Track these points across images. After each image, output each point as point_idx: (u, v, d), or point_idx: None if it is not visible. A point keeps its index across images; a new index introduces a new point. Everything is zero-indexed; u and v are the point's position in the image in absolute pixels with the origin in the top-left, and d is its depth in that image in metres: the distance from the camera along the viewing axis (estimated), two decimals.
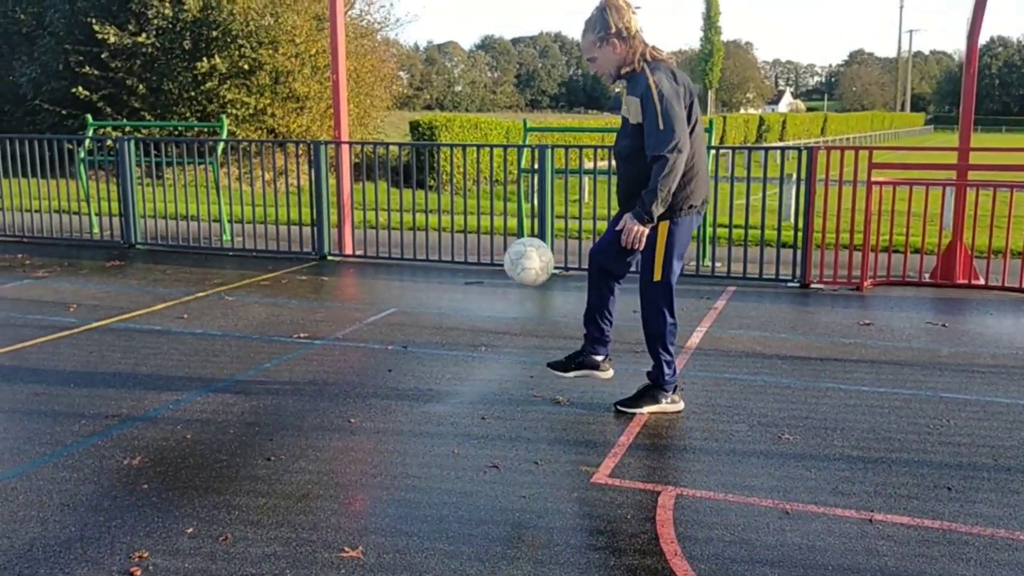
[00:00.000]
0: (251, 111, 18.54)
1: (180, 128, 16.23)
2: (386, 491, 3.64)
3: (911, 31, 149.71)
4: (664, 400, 4.61)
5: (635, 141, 4.32)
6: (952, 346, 5.91)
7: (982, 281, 7.86)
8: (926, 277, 7.99)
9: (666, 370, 4.57)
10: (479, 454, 4.03)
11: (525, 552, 3.15)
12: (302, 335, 6.11)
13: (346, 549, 3.16)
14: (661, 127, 4.12)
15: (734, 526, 3.35)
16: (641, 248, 4.35)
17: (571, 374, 4.78)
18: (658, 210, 4.21)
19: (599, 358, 4.73)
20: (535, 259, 4.71)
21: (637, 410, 4.59)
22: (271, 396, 4.82)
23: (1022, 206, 8.06)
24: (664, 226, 4.35)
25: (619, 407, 4.64)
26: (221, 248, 9.80)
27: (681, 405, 4.66)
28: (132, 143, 9.77)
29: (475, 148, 9.67)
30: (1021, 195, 8.08)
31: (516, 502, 3.55)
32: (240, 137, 17.88)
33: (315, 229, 9.23)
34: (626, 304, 4.95)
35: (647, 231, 4.29)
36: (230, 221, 10.22)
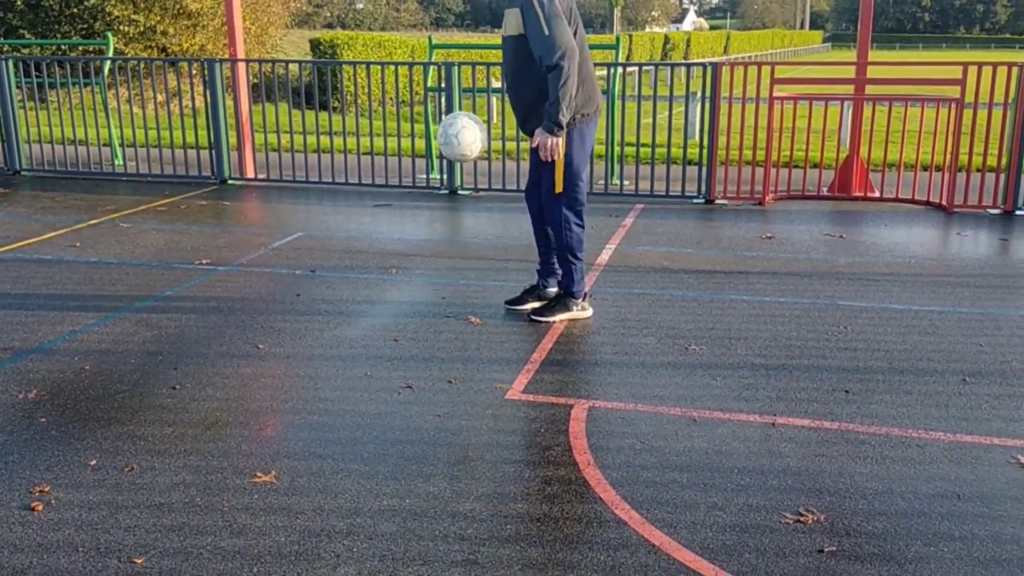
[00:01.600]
0: (140, 29, 17.55)
1: (63, 47, 15.28)
2: (298, 415, 3.60)
3: None
4: (575, 308, 4.77)
5: (518, 56, 4.40)
6: (849, 256, 6.12)
7: (877, 194, 8.12)
8: (824, 191, 8.21)
9: (576, 278, 4.70)
10: (392, 375, 4.01)
11: (441, 469, 3.16)
12: (204, 261, 5.92)
13: (258, 474, 3.12)
14: (546, 33, 4.19)
15: (644, 435, 3.43)
16: (558, 159, 4.40)
17: (528, 307, 4.86)
18: (565, 117, 4.29)
19: (552, 290, 4.89)
20: (472, 130, 4.64)
21: (551, 318, 4.73)
22: (174, 324, 4.67)
23: (916, 120, 8.31)
24: (561, 138, 4.41)
25: (533, 317, 4.76)
26: (113, 173, 9.35)
27: (590, 311, 4.83)
28: (11, 63, 9.16)
29: (379, 67, 9.40)
30: (915, 110, 8.33)
31: (430, 421, 3.55)
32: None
33: (213, 152, 8.88)
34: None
35: (560, 140, 4.36)
36: (121, 145, 9.74)
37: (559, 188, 4.52)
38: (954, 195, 7.59)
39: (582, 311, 4.79)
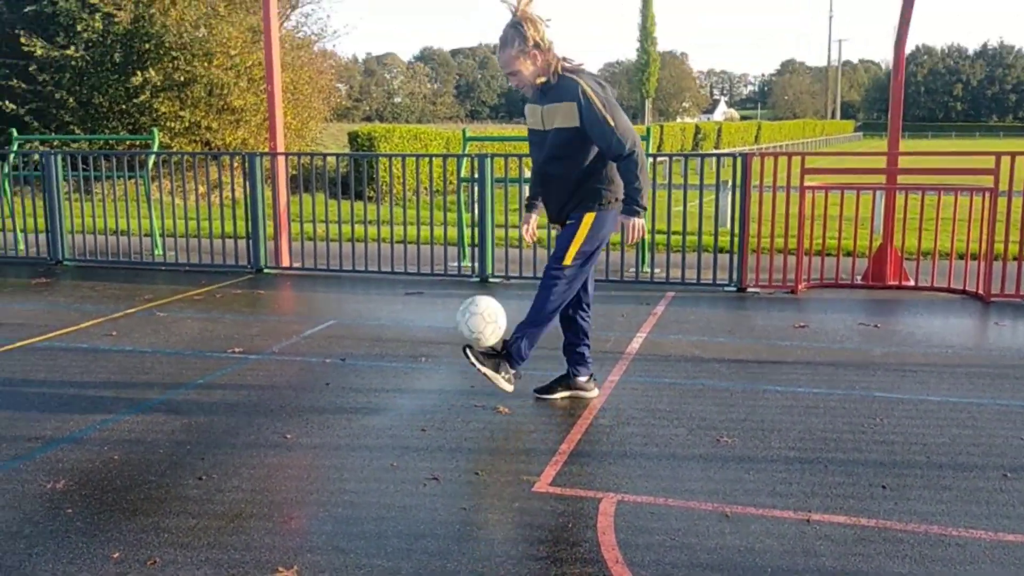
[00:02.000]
0: (185, 124, 18.18)
1: (111, 141, 15.84)
2: (322, 508, 3.56)
3: (840, 40, 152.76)
4: (503, 373, 4.57)
5: (564, 149, 4.43)
6: (884, 346, 6.02)
7: (912, 282, 8.04)
8: (858, 279, 8.15)
9: (528, 346, 4.59)
10: (419, 466, 3.97)
11: (465, 565, 3.10)
12: (237, 350, 5.97)
13: (280, 569, 3.07)
14: (612, 124, 4.30)
15: (674, 530, 3.34)
16: (641, 236, 4.48)
17: (558, 395, 4.86)
18: (645, 201, 4.39)
19: (583, 379, 4.89)
20: (484, 314, 4.58)
21: (476, 364, 4.50)
22: (203, 413, 4.69)
23: (949, 208, 8.27)
24: (590, 215, 4.48)
25: (465, 352, 4.54)
26: (153, 263, 9.57)
27: (511, 387, 4.62)
28: (59, 157, 9.50)
29: (414, 158, 9.60)
30: (948, 198, 8.29)
31: (456, 514, 3.49)
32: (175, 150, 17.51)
33: (251, 242, 9.06)
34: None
35: (643, 222, 4.45)
36: (162, 235, 9.99)
37: (567, 261, 4.51)
38: (991, 284, 7.49)
39: (506, 383, 4.57)
